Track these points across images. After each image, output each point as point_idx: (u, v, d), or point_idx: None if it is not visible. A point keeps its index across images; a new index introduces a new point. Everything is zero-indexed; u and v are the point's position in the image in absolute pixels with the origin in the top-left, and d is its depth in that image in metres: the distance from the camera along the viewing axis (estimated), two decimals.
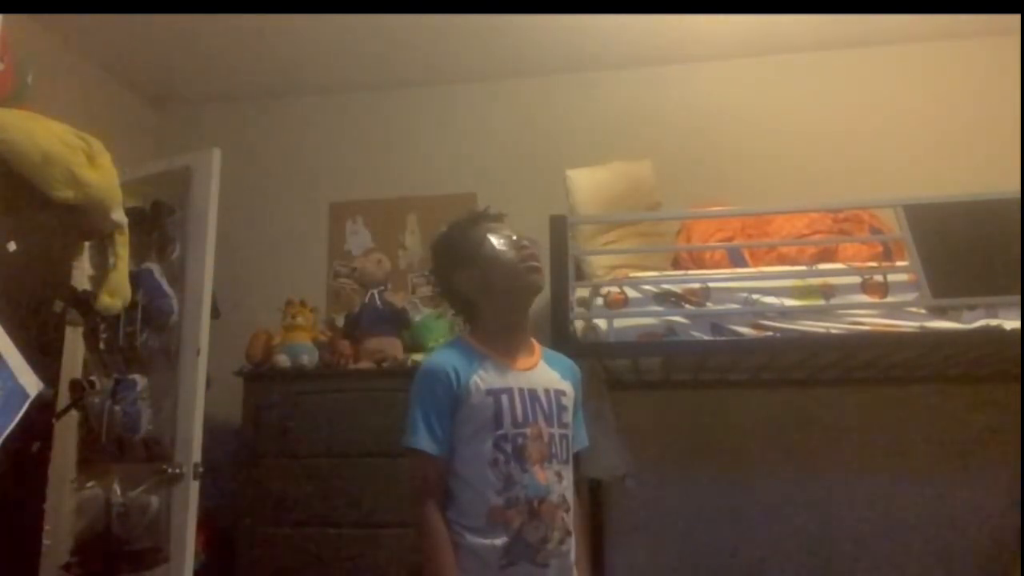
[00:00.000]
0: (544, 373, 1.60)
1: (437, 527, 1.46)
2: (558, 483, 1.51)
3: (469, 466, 1.49)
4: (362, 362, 2.89)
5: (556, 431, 1.54)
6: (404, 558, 2.57)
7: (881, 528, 2.90)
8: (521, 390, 1.53)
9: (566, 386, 1.61)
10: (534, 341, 1.66)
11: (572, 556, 1.52)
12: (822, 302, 2.20)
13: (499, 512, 1.45)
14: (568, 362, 1.70)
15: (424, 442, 1.49)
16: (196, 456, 2.31)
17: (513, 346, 1.60)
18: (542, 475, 1.49)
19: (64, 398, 2.14)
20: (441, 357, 1.58)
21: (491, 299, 1.60)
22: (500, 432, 1.49)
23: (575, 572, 1.54)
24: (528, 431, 1.50)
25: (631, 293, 2.27)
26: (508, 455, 1.48)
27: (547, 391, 1.56)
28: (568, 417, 1.59)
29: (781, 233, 2.59)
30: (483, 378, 1.52)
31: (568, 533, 1.51)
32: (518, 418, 1.50)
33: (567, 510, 1.52)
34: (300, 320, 2.99)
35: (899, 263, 2.32)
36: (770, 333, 2.19)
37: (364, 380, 2.81)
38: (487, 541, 1.44)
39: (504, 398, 1.51)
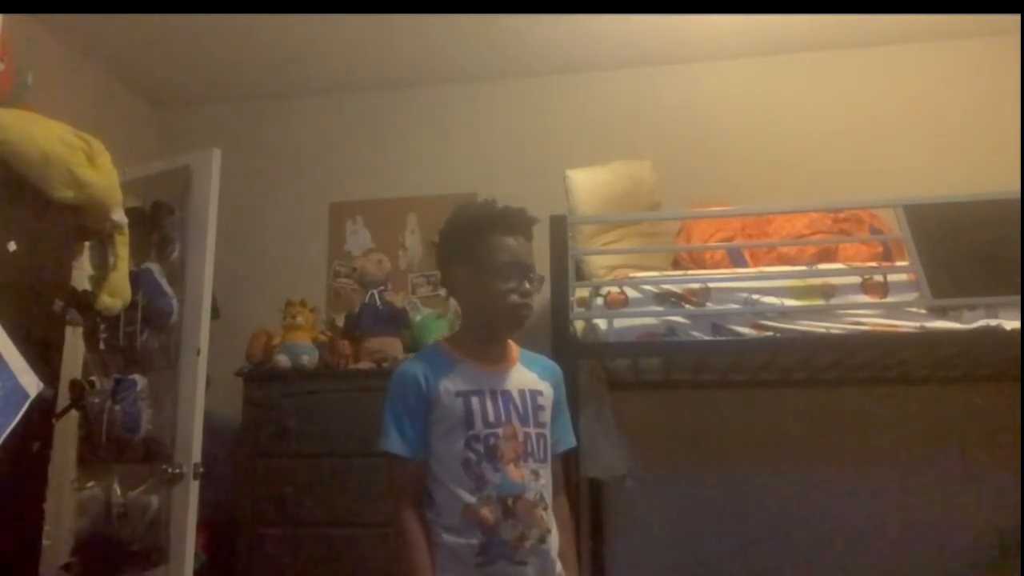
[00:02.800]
0: (520, 374, 1.60)
1: (411, 528, 1.48)
2: (535, 481, 1.51)
3: (443, 467, 1.50)
4: (362, 362, 2.89)
5: (532, 430, 1.55)
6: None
7: (881, 528, 2.90)
8: (493, 391, 1.54)
9: (544, 387, 1.61)
10: (511, 343, 1.66)
11: (553, 554, 1.52)
12: (822, 302, 2.20)
13: (473, 511, 1.46)
14: (549, 363, 1.70)
15: (395, 445, 1.51)
16: (196, 456, 2.31)
17: (488, 349, 1.60)
18: (517, 473, 1.49)
19: (64, 398, 2.14)
20: (411, 363, 1.61)
21: (472, 307, 1.62)
22: (471, 432, 1.50)
23: (558, 568, 1.53)
24: (500, 431, 1.51)
25: (631, 293, 2.27)
26: (480, 455, 1.48)
27: (522, 392, 1.57)
28: (545, 417, 1.59)
29: (781, 233, 2.59)
30: (453, 381, 1.53)
31: (547, 531, 1.51)
32: (490, 418, 1.51)
33: (545, 508, 1.52)
34: (300, 320, 2.99)
35: (899, 263, 2.32)
36: (770, 333, 2.19)
37: (364, 380, 2.81)
38: (463, 540, 1.45)
39: (474, 400, 1.51)
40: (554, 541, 1.53)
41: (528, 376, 1.61)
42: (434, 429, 1.52)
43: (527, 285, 1.56)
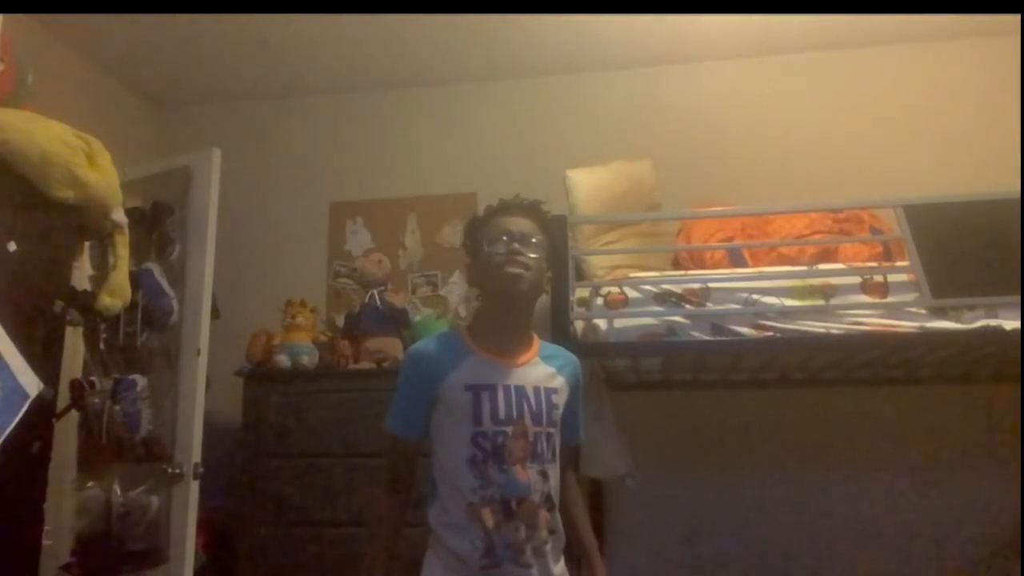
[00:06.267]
0: (538, 369, 1.57)
1: (383, 509, 1.58)
2: (542, 482, 1.49)
3: (449, 460, 1.50)
4: (362, 362, 2.89)
5: (544, 430, 1.52)
6: (404, 557, 2.56)
7: (881, 528, 2.90)
8: (507, 387, 1.51)
9: (559, 383, 1.59)
10: (534, 336, 1.64)
11: (551, 557, 1.50)
12: (822, 302, 2.20)
13: (475, 509, 1.45)
14: (569, 356, 1.67)
15: (391, 424, 1.57)
16: (196, 456, 2.32)
17: (506, 342, 1.57)
18: (523, 474, 1.47)
19: (64, 398, 2.14)
20: (425, 345, 1.61)
21: (480, 288, 1.63)
22: (479, 429, 1.48)
23: (556, 569, 1.52)
24: (510, 429, 1.48)
25: (631, 293, 2.26)
26: (487, 453, 1.46)
27: (537, 389, 1.54)
28: (559, 416, 1.57)
29: (781, 233, 2.59)
30: (463, 373, 1.51)
31: (551, 532, 1.50)
32: (499, 415, 1.48)
33: (551, 508, 1.51)
34: (300, 320, 2.99)
35: (899, 263, 2.32)
36: (770, 333, 2.19)
37: (364, 380, 2.81)
38: (467, 541, 1.44)
39: (484, 395, 1.49)
40: (556, 542, 1.52)
41: (546, 371, 1.58)
42: (442, 420, 1.52)
43: (515, 246, 1.54)
